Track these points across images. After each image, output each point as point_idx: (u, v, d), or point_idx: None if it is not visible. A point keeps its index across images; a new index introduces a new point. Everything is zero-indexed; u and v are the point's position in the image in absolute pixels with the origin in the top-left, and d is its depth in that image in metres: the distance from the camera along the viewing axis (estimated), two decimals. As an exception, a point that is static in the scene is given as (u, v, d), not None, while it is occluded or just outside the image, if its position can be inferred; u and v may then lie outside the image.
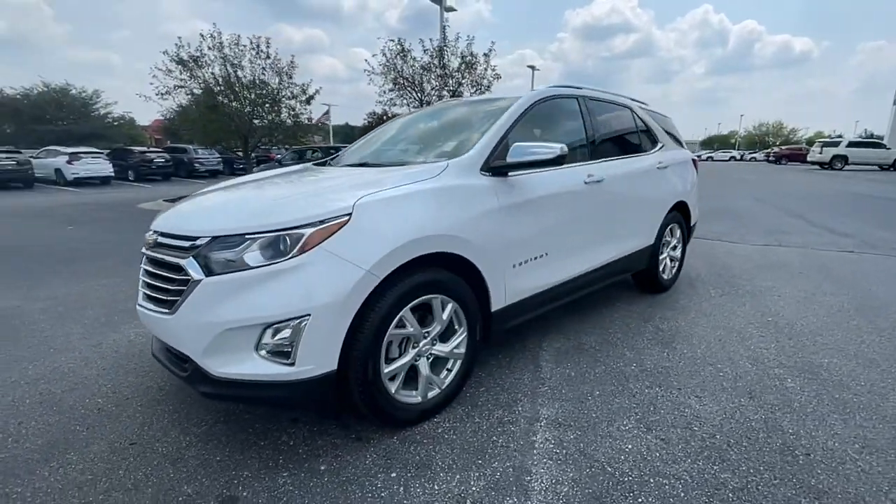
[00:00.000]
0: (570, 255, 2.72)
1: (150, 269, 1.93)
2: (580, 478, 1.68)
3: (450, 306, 2.05)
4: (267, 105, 12.06)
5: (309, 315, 1.60)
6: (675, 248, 3.95)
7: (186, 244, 1.75)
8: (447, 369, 2.15)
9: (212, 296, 1.64)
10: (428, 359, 2.04)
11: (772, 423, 2.00)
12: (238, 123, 11.48)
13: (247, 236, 1.66)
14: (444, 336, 2.11)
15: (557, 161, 2.23)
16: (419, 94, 11.50)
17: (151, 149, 20.62)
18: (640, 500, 1.57)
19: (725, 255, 5.19)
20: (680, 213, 3.91)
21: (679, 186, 3.79)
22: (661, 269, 3.74)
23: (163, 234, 1.90)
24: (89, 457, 1.84)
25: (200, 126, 11.22)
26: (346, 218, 1.71)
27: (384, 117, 13.30)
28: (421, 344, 1.99)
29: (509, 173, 2.32)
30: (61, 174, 16.86)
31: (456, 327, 2.14)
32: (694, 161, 4.21)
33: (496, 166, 2.26)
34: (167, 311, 1.76)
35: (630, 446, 1.86)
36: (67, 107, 20.92)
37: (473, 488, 1.64)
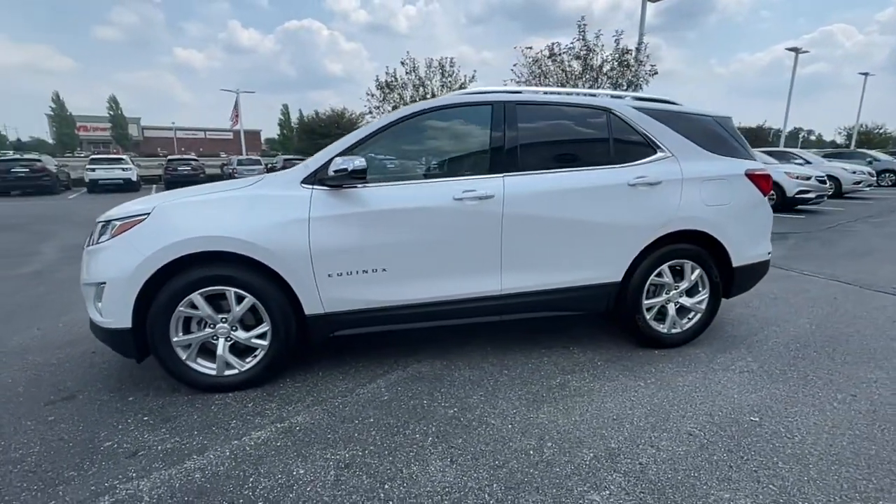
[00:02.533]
0: (430, 275, 2.51)
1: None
2: (211, 473, 1.78)
3: (246, 300, 2.34)
4: None
5: (105, 283, 2.23)
6: (691, 293, 2.91)
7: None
8: (254, 356, 2.44)
9: (85, 260, 2.45)
10: (228, 341, 2.39)
11: (472, 521, 1.53)
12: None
13: (109, 222, 2.40)
14: (251, 326, 2.41)
15: (353, 175, 2.26)
16: None
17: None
18: (227, 514, 1.58)
19: (886, 322, 3.32)
20: (703, 248, 2.85)
21: (689, 210, 2.76)
22: (647, 316, 2.84)
23: None
24: (61, 355, 2.95)
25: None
26: (144, 217, 2.26)
27: None
28: (216, 327, 2.36)
29: (344, 185, 2.40)
30: (326, 175, 23.04)
31: (263, 320, 2.40)
32: (755, 177, 2.93)
33: (320, 179, 2.39)
34: None
35: (302, 472, 1.78)
36: (342, 125, 28.93)
37: (158, 448, 1.94)
